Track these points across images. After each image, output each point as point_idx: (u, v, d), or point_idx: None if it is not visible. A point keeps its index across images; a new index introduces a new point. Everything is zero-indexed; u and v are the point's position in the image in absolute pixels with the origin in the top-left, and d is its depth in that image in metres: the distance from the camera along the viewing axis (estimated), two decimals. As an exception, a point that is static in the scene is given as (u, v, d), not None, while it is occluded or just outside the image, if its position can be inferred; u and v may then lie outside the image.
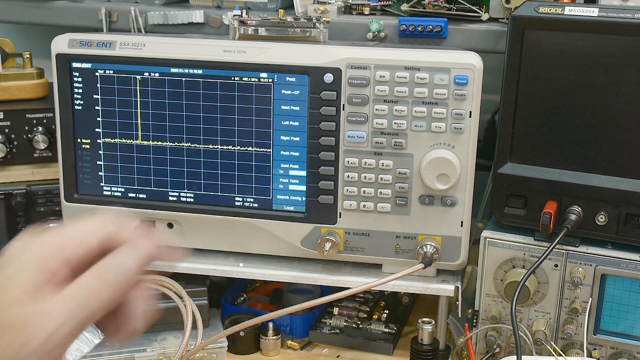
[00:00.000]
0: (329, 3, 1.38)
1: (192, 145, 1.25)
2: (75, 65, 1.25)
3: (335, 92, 1.18)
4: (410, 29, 1.31)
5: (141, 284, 0.64)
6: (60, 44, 1.25)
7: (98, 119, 1.27)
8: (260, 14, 1.31)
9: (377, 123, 1.18)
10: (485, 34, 1.30)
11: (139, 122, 1.26)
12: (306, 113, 1.20)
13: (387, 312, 1.40)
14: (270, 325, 1.31)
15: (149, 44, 1.23)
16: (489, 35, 1.30)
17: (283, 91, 1.20)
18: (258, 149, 1.24)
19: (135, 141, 1.27)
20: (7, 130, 1.41)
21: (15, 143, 1.42)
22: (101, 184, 1.30)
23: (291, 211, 1.25)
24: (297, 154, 1.23)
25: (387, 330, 1.35)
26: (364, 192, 1.21)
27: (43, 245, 0.59)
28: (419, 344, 1.21)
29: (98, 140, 1.28)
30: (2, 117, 1.41)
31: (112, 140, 1.27)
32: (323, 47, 1.21)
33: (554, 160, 1.15)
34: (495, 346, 1.21)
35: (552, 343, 1.16)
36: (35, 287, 0.57)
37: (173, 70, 1.23)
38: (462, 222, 1.21)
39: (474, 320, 1.23)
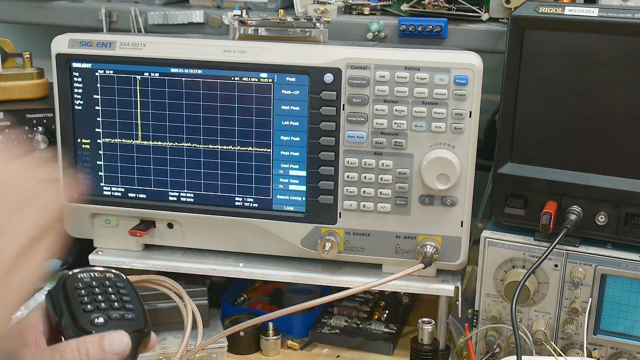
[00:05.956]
0: (329, 3, 1.38)
1: (192, 145, 1.25)
2: (75, 65, 1.25)
3: (335, 92, 1.18)
4: (410, 29, 1.31)
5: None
6: (60, 44, 1.25)
7: (98, 119, 1.27)
8: (260, 14, 1.31)
9: (377, 123, 1.18)
10: (485, 34, 1.30)
11: (139, 122, 1.26)
12: (306, 113, 1.20)
13: (387, 312, 1.40)
14: (270, 325, 1.31)
15: (149, 44, 1.23)
16: (489, 35, 1.30)
17: (283, 91, 1.20)
18: (258, 149, 1.24)
19: (135, 141, 1.27)
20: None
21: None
22: (101, 184, 1.30)
23: (291, 211, 1.25)
24: (297, 154, 1.22)
25: (387, 330, 1.35)
26: (364, 192, 1.21)
27: None
28: (419, 344, 1.21)
29: (98, 140, 1.28)
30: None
31: (112, 140, 1.27)
32: (323, 47, 1.21)
33: (554, 160, 1.15)
34: (495, 346, 1.21)
35: (552, 343, 1.16)
36: None
37: (173, 70, 1.23)
38: (462, 222, 1.21)
39: (474, 320, 1.23)
